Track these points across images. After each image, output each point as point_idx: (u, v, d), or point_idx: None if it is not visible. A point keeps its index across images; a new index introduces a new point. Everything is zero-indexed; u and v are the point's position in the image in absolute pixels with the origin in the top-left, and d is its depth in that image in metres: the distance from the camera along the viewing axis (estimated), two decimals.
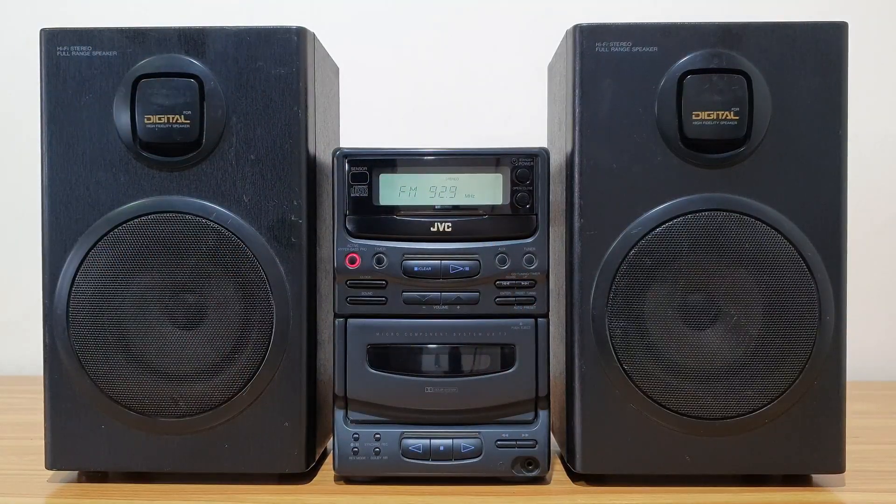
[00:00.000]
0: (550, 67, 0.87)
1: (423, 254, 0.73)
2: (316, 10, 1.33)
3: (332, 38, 0.91)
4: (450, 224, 0.74)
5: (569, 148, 0.74)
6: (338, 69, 0.91)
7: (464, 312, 0.73)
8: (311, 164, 0.75)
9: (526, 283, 0.73)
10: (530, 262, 0.73)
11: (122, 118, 0.72)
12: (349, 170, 0.74)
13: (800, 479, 0.74)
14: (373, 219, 0.74)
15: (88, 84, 0.73)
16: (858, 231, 1.19)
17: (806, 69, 0.72)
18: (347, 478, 0.75)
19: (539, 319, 0.73)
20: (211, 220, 0.72)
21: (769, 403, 0.71)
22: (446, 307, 0.73)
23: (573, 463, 0.74)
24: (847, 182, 0.72)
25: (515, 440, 0.73)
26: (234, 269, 0.72)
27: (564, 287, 0.75)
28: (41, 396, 0.73)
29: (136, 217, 0.72)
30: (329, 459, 0.77)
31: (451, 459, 0.73)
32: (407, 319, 0.73)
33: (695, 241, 0.71)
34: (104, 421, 0.73)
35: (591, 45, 0.72)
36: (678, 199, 0.72)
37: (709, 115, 0.71)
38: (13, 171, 1.35)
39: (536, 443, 0.73)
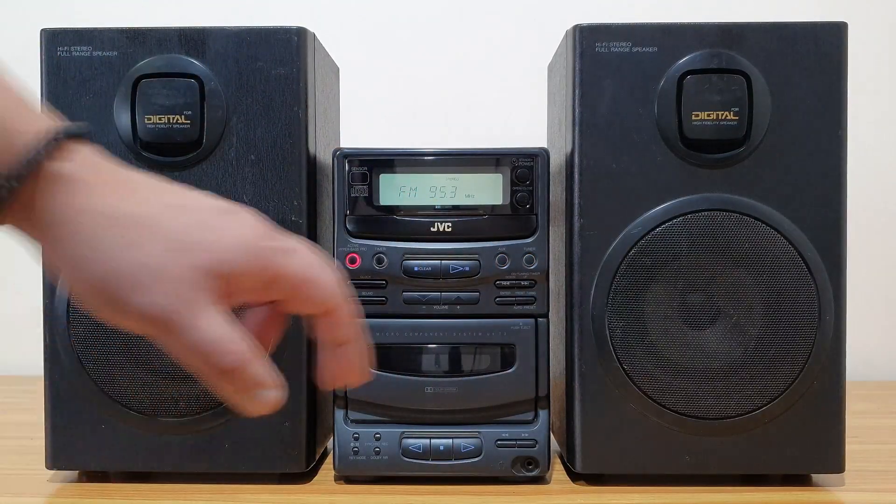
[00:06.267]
0: (550, 67, 0.87)
1: (424, 254, 0.73)
2: (316, 10, 1.33)
3: (332, 38, 0.91)
4: (450, 224, 0.74)
5: (568, 148, 0.74)
6: (338, 69, 0.91)
7: (464, 312, 0.73)
8: (311, 164, 0.75)
9: (526, 283, 0.73)
10: (530, 262, 0.73)
11: (123, 118, 0.72)
12: (349, 170, 0.74)
13: (800, 479, 0.74)
14: (373, 219, 0.74)
15: (89, 84, 0.73)
16: (858, 231, 1.19)
17: (806, 69, 0.72)
18: (347, 478, 0.75)
19: (539, 319, 0.73)
20: None
21: (769, 403, 0.71)
22: (446, 307, 0.73)
23: (573, 463, 0.74)
24: (847, 182, 0.72)
25: (515, 440, 0.73)
26: None
27: (564, 287, 0.75)
28: (41, 396, 0.73)
29: None
30: (329, 459, 0.77)
31: (451, 459, 0.73)
32: (407, 319, 0.73)
33: (694, 241, 0.71)
34: (104, 421, 0.73)
35: (591, 45, 0.72)
36: (678, 199, 0.72)
37: (708, 115, 0.71)
38: None
39: (536, 442, 0.73)
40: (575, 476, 0.75)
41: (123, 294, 0.42)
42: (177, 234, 0.43)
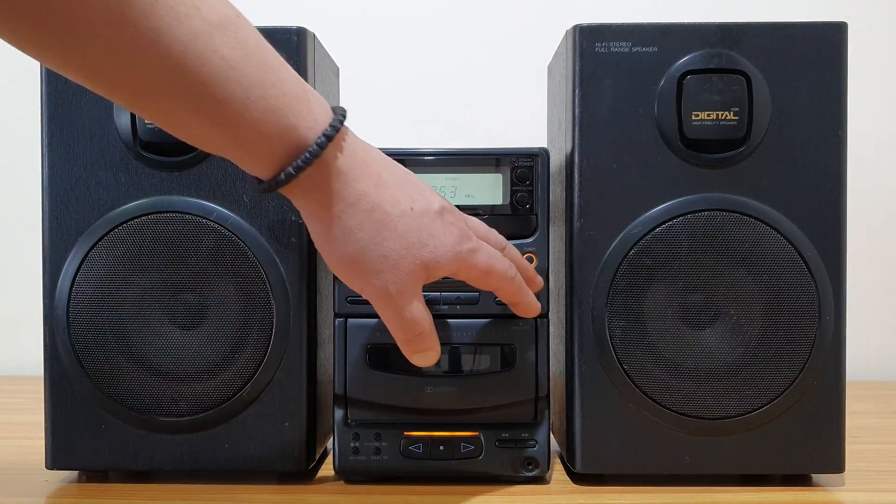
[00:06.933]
0: (550, 67, 0.87)
1: None
2: (316, 10, 1.34)
3: (332, 38, 0.91)
4: None
5: (568, 148, 0.74)
6: (338, 69, 0.91)
7: (464, 312, 0.73)
8: None
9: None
10: (530, 261, 0.73)
11: (123, 118, 0.72)
12: None
13: (800, 479, 0.74)
14: None
15: None
16: (858, 231, 1.19)
17: (806, 69, 0.72)
18: (347, 478, 0.75)
19: (539, 319, 0.73)
20: (211, 220, 0.72)
21: (769, 403, 0.71)
22: (446, 307, 0.73)
23: (573, 463, 0.74)
24: (847, 182, 0.72)
25: (515, 440, 0.73)
26: (234, 269, 0.72)
27: (564, 287, 0.75)
28: (41, 396, 0.73)
29: (137, 217, 0.72)
30: (329, 459, 0.77)
31: (451, 459, 0.73)
32: None
33: (695, 241, 0.71)
34: (104, 421, 0.73)
35: (591, 45, 0.72)
36: (678, 199, 0.72)
37: (708, 115, 0.71)
38: (13, 170, 1.35)
39: (536, 443, 0.73)
40: (575, 476, 0.75)
41: (366, 274, 0.58)
42: (409, 236, 0.58)
